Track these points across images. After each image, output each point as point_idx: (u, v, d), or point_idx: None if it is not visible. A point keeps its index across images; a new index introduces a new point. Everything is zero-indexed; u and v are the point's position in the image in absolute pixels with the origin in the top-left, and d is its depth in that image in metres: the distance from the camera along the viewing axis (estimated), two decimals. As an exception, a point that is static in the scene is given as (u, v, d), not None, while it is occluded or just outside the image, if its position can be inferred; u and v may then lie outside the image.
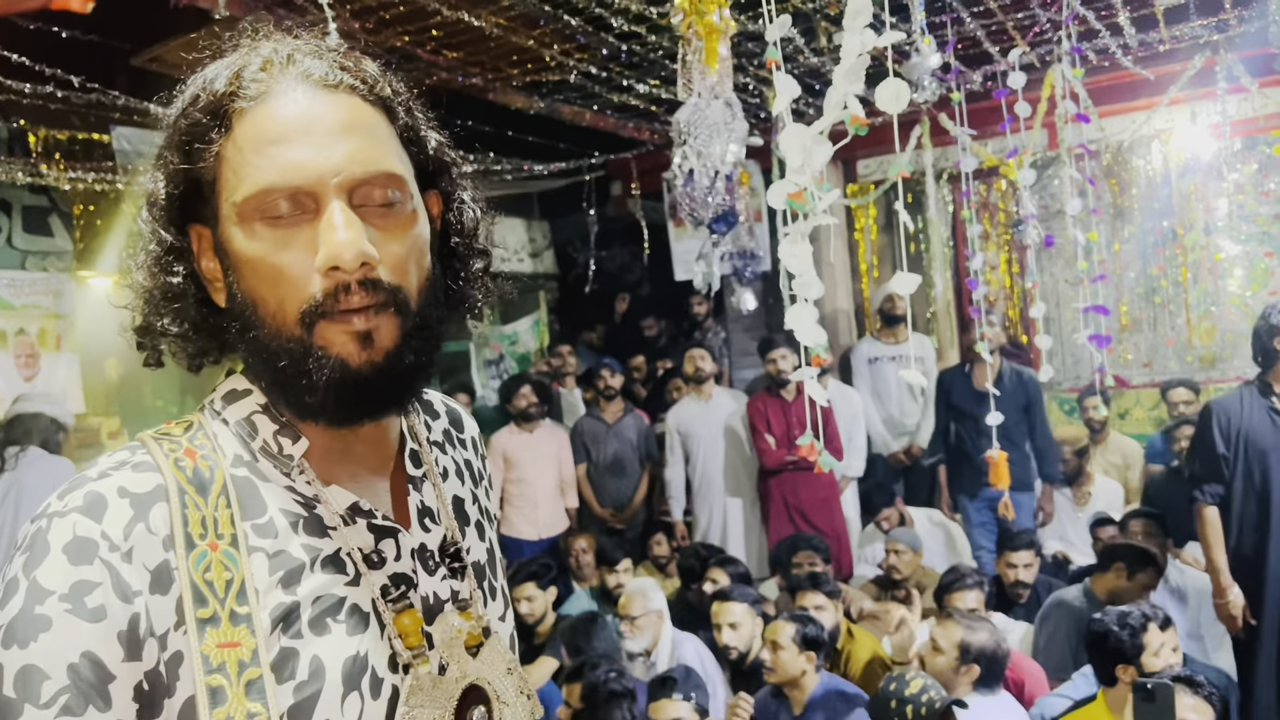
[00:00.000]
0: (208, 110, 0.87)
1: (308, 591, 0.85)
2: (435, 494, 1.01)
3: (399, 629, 0.88)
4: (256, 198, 0.84)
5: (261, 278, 0.85)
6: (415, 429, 1.04)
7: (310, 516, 0.89)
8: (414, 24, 4.20)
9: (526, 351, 8.13)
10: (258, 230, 0.85)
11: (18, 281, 5.44)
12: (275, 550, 0.86)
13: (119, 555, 0.79)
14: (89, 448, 5.62)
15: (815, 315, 2.08)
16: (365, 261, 0.83)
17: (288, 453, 0.90)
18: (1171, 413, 5.87)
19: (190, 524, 0.83)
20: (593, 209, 7.24)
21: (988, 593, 4.13)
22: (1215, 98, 5.62)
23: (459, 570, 0.98)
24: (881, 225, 7.08)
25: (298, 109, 0.86)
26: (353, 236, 0.83)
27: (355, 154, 0.86)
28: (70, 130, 4.76)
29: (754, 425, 5.67)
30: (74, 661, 0.75)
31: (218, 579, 0.82)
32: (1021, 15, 4.81)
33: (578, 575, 5.39)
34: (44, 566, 0.77)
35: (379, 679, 0.86)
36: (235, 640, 0.80)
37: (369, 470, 0.95)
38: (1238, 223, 6.26)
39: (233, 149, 0.86)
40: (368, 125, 0.88)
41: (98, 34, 4.39)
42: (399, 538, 0.93)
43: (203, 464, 0.87)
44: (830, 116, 1.91)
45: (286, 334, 0.85)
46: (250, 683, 0.80)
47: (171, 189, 0.90)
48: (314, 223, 0.85)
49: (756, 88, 5.46)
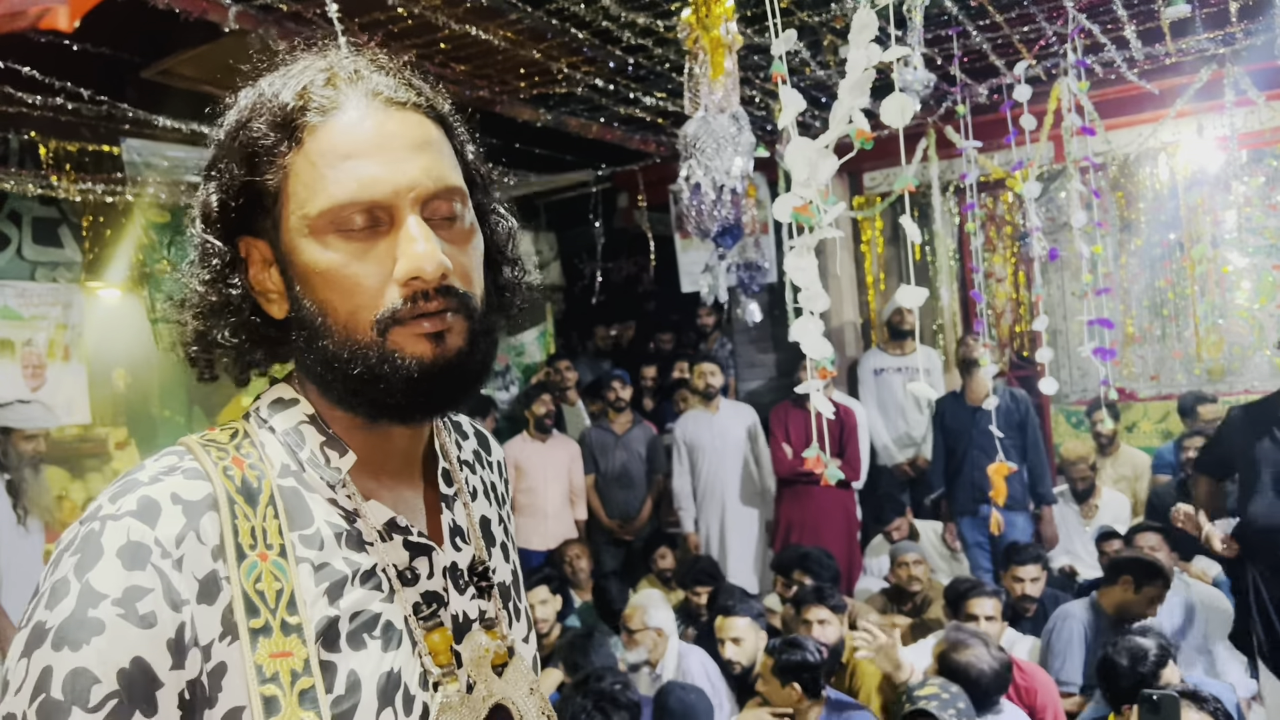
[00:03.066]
0: (274, 124, 0.88)
1: (348, 605, 0.86)
2: (466, 513, 1.03)
3: (430, 647, 0.90)
4: (332, 211, 0.86)
5: (335, 288, 0.87)
6: (446, 448, 1.06)
7: (351, 530, 0.90)
8: (422, 37, 4.22)
9: (533, 363, 8.14)
10: (331, 243, 0.87)
11: (27, 292, 5.46)
12: (320, 562, 0.87)
13: (170, 563, 0.80)
14: (95, 458, 5.64)
15: (821, 328, 2.09)
16: (443, 272, 0.86)
17: (335, 465, 0.91)
18: (1189, 426, 5.81)
19: (240, 534, 0.84)
20: (599, 221, 7.25)
21: (1004, 601, 4.12)
22: (1222, 110, 5.61)
23: (486, 590, 1.00)
24: (888, 238, 7.08)
25: (371, 125, 0.88)
26: (431, 249, 0.86)
27: (428, 169, 0.88)
28: (80, 142, 4.78)
29: (773, 433, 5.68)
30: (124, 667, 0.75)
31: (268, 589, 0.83)
32: (1027, 28, 4.82)
33: (573, 583, 5.38)
34: (97, 570, 0.78)
35: (411, 696, 0.87)
36: (288, 650, 0.81)
37: (406, 486, 0.97)
38: (1245, 235, 6.24)
39: (304, 162, 0.88)
40: (434, 141, 0.91)
41: (108, 47, 4.42)
42: (432, 556, 0.95)
43: (250, 474, 0.88)
44: (835, 130, 1.91)
45: (360, 340, 0.87)
46: (303, 692, 0.81)
47: (230, 200, 0.91)
48: (388, 235, 0.87)
49: (763, 100, 5.47)
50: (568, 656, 4.03)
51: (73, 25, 2.28)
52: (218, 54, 4.35)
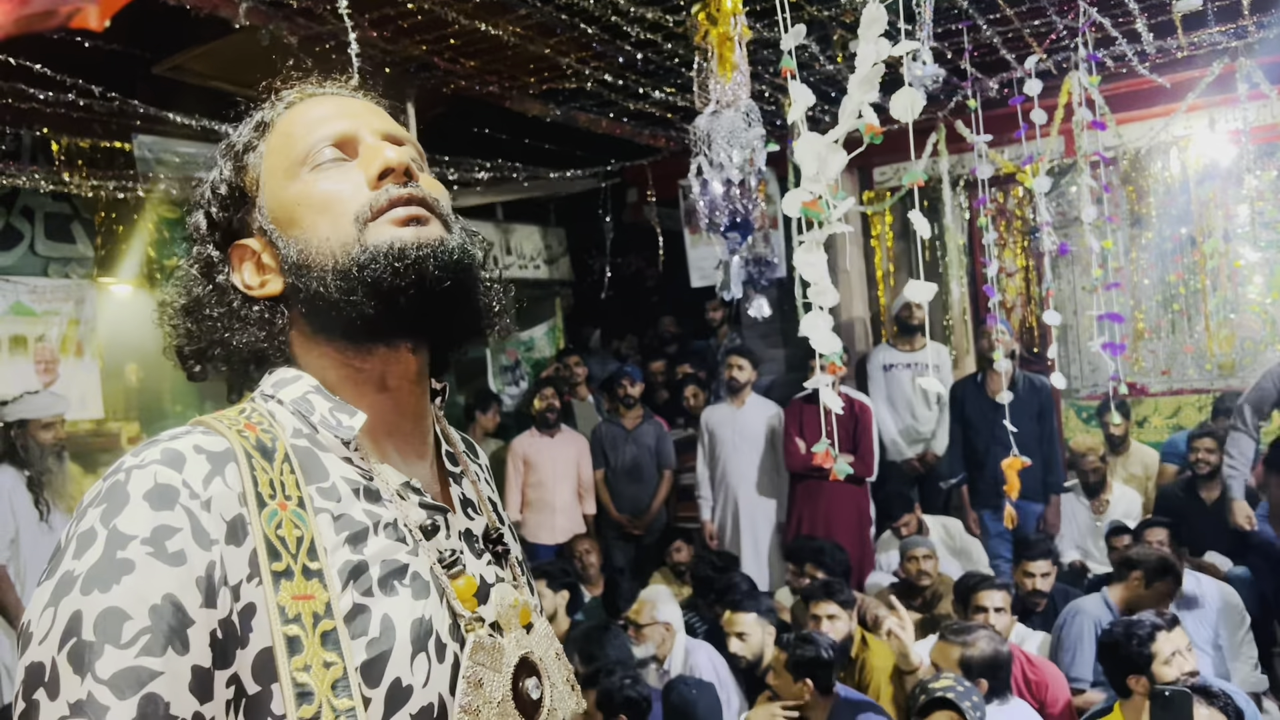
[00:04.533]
0: (254, 127, 1.00)
1: (374, 552, 0.88)
2: (474, 490, 1.07)
3: (457, 593, 0.91)
4: (305, 153, 0.95)
5: (315, 207, 0.93)
6: (449, 433, 1.10)
7: (368, 486, 0.92)
8: (431, 33, 4.23)
9: (542, 357, 8.15)
10: (305, 176, 0.95)
11: (40, 288, 5.50)
12: (339, 513, 0.89)
13: (199, 504, 0.81)
14: (108, 453, 5.67)
15: (830, 323, 2.08)
16: (408, 170, 0.94)
17: (347, 424, 0.92)
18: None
19: (260, 485, 0.85)
20: (609, 216, 7.26)
21: (1013, 595, 4.11)
22: (1234, 104, 5.58)
23: (502, 556, 1.02)
24: (898, 232, 7.06)
25: (336, 99, 1.01)
26: (397, 150, 0.95)
27: (386, 122, 1.00)
28: (92, 138, 4.80)
29: (787, 428, 5.69)
30: (156, 603, 0.76)
31: (289, 535, 0.84)
32: (1038, 22, 4.80)
33: (584, 579, 5.40)
34: (124, 514, 0.79)
35: (442, 643, 0.88)
36: (309, 593, 0.83)
37: (415, 453, 1.00)
38: (1258, 230, 6.20)
39: (277, 137, 0.98)
40: (393, 119, 1.03)
41: (119, 44, 4.44)
42: (448, 517, 0.97)
43: (264, 436, 0.90)
44: (845, 125, 1.91)
45: (345, 243, 0.91)
46: (325, 634, 0.82)
47: (218, 206, 1.00)
48: (357, 160, 0.96)
49: (773, 95, 5.46)
50: (583, 648, 4.03)
51: (103, 25, 2.30)
52: (229, 50, 4.37)
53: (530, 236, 8.09)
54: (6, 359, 5.33)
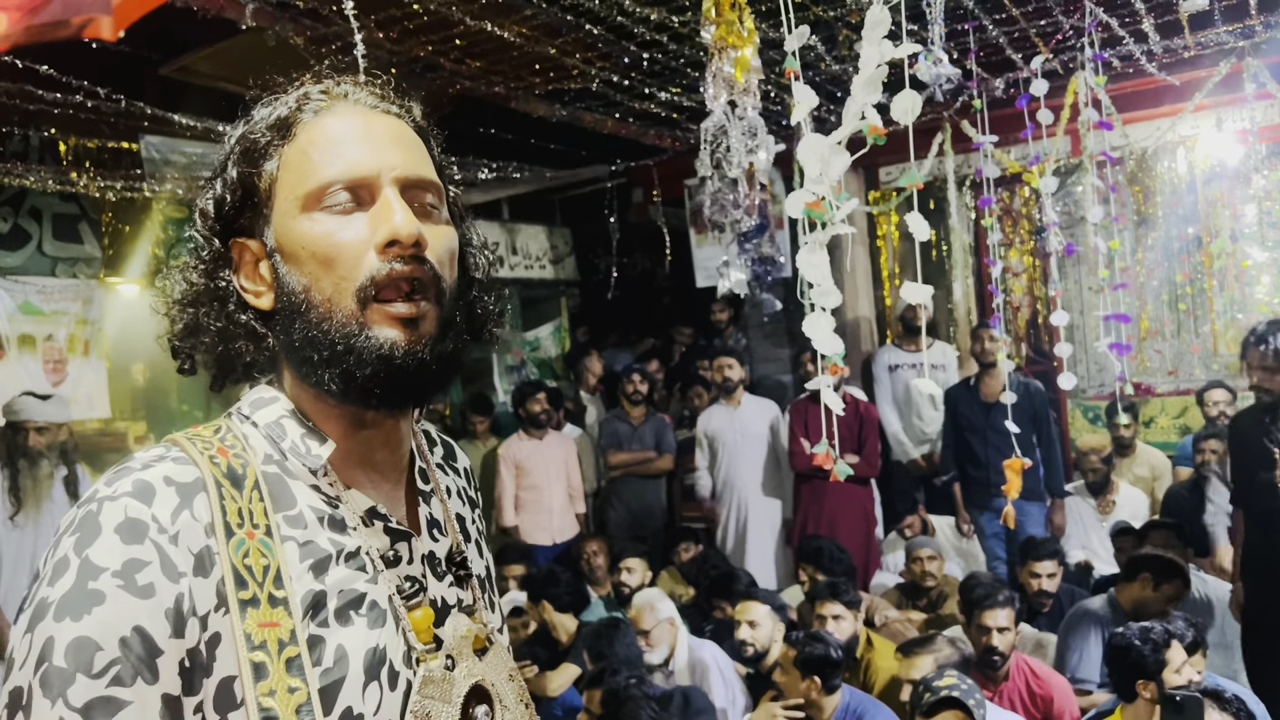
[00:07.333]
0: (272, 126, 0.98)
1: (334, 582, 0.90)
2: (442, 509, 1.08)
3: (413, 625, 0.94)
4: (319, 189, 0.94)
5: (319, 260, 0.93)
6: (423, 448, 1.12)
7: (334, 514, 0.94)
8: (437, 34, 4.23)
9: (548, 357, 8.16)
10: (318, 218, 0.94)
11: (48, 288, 5.52)
12: (305, 540, 0.91)
13: (167, 538, 0.83)
14: (115, 452, 5.69)
15: (833, 324, 2.08)
16: (418, 241, 0.92)
17: (315, 453, 0.95)
18: (1206, 415, 5.74)
19: (229, 514, 0.88)
20: (614, 216, 7.26)
21: (1018, 608, 4.09)
22: (1241, 104, 5.57)
23: (464, 579, 1.05)
24: (903, 232, 7.05)
25: (358, 121, 0.98)
26: (408, 217, 0.93)
27: (407, 159, 0.97)
28: (100, 139, 4.82)
29: (792, 428, 5.69)
30: (125, 635, 0.79)
31: (256, 564, 0.87)
32: (1044, 22, 4.79)
33: (591, 580, 5.40)
34: (96, 545, 0.81)
35: (395, 672, 0.91)
36: (275, 620, 0.85)
37: (385, 479, 1.01)
38: (1265, 229, 6.18)
39: (295, 152, 0.96)
40: (414, 142, 1.01)
41: (126, 45, 4.45)
42: (411, 543, 0.99)
43: (235, 461, 0.92)
44: (848, 127, 1.91)
45: (341, 311, 0.92)
46: (290, 660, 0.85)
47: (228, 197, 0.98)
48: (370, 212, 0.94)
49: (778, 95, 5.46)
50: (592, 645, 4.03)
51: (117, 35, 2.30)
52: (235, 51, 4.39)
53: (536, 236, 8.10)
54: (15, 358, 5.35)
